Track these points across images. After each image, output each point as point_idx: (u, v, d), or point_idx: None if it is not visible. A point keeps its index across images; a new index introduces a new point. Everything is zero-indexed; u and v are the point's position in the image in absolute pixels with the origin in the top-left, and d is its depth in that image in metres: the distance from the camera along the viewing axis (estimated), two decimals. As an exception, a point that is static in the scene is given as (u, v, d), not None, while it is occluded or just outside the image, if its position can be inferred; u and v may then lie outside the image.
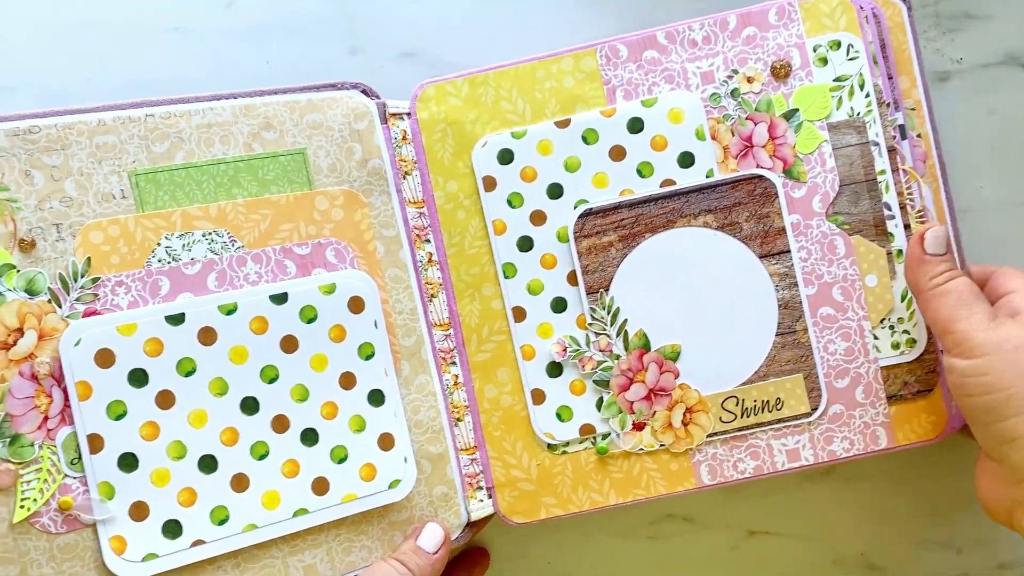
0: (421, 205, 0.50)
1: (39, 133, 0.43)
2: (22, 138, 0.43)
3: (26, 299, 0.42)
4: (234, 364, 0.45)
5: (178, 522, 0.44)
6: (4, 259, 0.42)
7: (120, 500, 0.43)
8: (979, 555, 0.56)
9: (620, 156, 0.49)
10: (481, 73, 0.50)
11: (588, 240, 0.50)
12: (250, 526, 0.45)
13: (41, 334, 0.43)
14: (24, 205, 0.43)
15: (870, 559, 0.56)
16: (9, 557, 0.41)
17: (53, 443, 0.42)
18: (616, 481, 0.50)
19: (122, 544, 0.43)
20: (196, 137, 0.46)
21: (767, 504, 0.56)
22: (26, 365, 0.42)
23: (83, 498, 0.42)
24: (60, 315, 0.43)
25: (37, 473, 0.42)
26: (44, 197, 0.43)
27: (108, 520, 0.43)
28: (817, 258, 0.49)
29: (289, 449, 0.46)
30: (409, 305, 0.49)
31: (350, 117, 0.49)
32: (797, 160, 0.49)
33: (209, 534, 0.44)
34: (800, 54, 0.49)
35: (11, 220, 0.43)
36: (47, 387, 0.42)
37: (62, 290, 0.43)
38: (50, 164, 0.43)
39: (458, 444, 0.50)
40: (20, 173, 0.43)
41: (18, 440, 0.42)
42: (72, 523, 0.42)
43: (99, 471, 0.43)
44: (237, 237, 0.46)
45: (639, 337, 0.49)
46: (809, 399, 0.49)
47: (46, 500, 0.42)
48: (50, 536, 0.42)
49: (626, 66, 0.50)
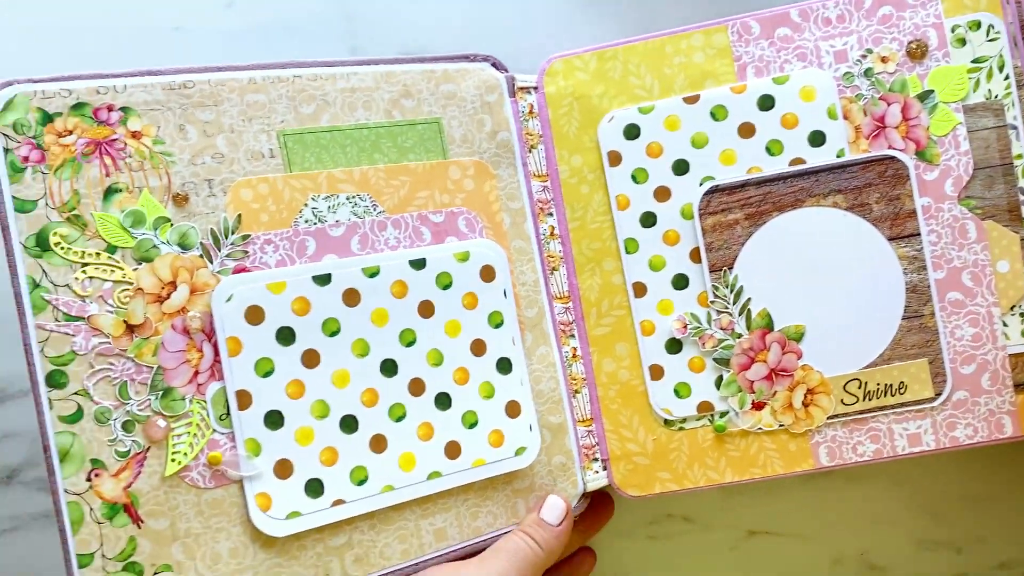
0: (545, 179, 0.51)
1: (193, 88, 0.43)
2: (177, 92, 0.43)
3: (179, 253, 0.42)
4: (376, 326, 0.45)
5: (320, 481, 0.44)
6: (159, 212, 0.42)
7: (266, 457, 0.43)
8: (979, 555, 0.57)
9: (749, 133, 0.50)
10: (610, 48, 0.51)
11: (713, 217, 0.50)
12: (387, 487, 0.45)
13: (193, 288, 0.43)
14: (178, 159, 0.43)
15: (870, 559, 0.57)
16: (160, 510, 0.41)
17: (203, 398, 0.42)
18: (732, 459, 0.50)
19: (267, 501, 0.43)
20: (340, 101, 0.46)
21: (767, 504, 0.56)
22: (178, 319, 0.42)
23: (231, 454, 0.42)
24: (211, 270, 0.43)
25: (187, 427, 0.42)
26: (197, 152, 0.43)
27: (254, 477, 0.43)
28: (947, 242, 0.49)
29: (424, 412, 0.46)
30: (532, 277, 0.50)
31: (481, 89, 0.49)
32: (930, 142, 0.48)
33: (349, 494, 0.44)
34: (937, 34, 0.48)
35: (166, 173, 0.43)
36: (198, 341, 0.42)
37: (213, 246, 0.43)
38: (203, 120, 0.43)
39: (576, 416, 0.50)
40: (175, 127, 0.43)
41: (170, 393, 0.42)
42: (220, 478, 0.42)
43: (246, 427, 0.43)
44: (378, 202, 0.46)
45: (762, 317, 0.50)
46: (933, 384, 0.49)
47: (195, 454, 0.42)
48: (198, 491, 0.42)
49: (758, 43, 0.50)
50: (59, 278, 0.40)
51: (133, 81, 0.42)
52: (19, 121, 0.40)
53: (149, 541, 0.41)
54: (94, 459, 0.40)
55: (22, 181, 0.40)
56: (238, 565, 0.42)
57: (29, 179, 0.40)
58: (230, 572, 0.42)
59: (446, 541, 0.46)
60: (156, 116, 0.43)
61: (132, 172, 0.42)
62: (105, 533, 0.40)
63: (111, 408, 0.41)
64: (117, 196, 0.42)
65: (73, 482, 0.40)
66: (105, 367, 0.41)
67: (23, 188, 0.40)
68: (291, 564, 0.43)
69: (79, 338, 0.40)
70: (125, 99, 0.42)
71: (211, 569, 0.42)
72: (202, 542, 0.42)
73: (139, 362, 0.41)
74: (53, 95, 0.41)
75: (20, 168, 0.40)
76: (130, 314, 0.41)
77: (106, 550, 0.40)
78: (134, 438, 0.41)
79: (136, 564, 0.40)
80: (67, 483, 0.40)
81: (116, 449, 0.41)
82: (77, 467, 0.40)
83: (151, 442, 0.41)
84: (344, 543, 0.44)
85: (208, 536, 0.42)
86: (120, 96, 0.42)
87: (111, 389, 0.41)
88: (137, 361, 0.41)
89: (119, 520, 0.40)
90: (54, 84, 0.41)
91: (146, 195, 0.42)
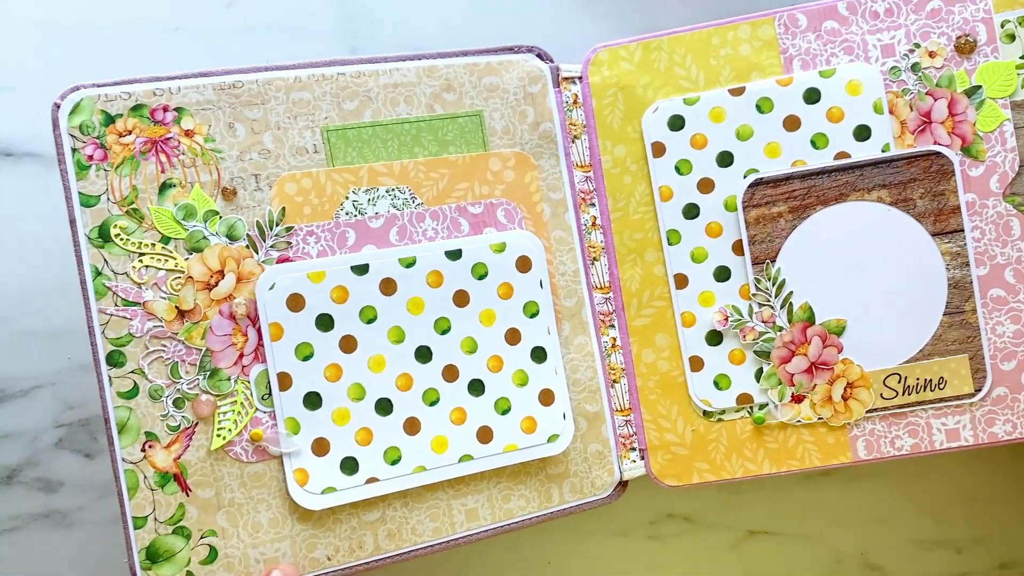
0: (588, 169, 0.51)
1: (242, 88, 0.46)
2: (227, 92, 0.46)
3: (227, 244, 0.46)
4: (411, 314, 0.47)
5: (355, 459, 0.46)
6: (209, 205, 0.45)
7: (304, 435, 0.46)
8: (979, 555, 0.56)
9: (794, 126, 0.49)
10: (655, 38, 0.50)
11: (757, 210, 0.50)
12: (419, 468, 0.47)
13: (239, 277, 0.46)
14: (227, 156, 0.46)
15: (870, 559, 0.56)
16: (207, 480, 0.45)
17: (247, 379, 0.45)
18: (771, 451, 0.50)
19: (305, 476, 0.46)
20: (383, 96, 0.48)
21: (767, 504, 0.56)
22: (225, 305, 0.45)
23: (272, 431, 0.46)
24: (256, 260, 0.46)
25: (232, 406, 0.45)
26: (245, 149, 0.46)
27: (293, 453, 0.46)
28: (991, 239, 0.48)
29: (457, 398, 0.48)
30: (572, 267, 0.51)
31: (525, 80, 0.50)
32: (977, 138, 0.48)
33: (382, 472, 0.47)
34: (987, 29, 0.48)
35: (216, 169, 0.46)
36: (243, 326, 0.46)
37: (259, 237, 0.46)
38: (251, 118, 0.46)
39: (614, 405, 0.51)
40: (224, 125, 0.46)
41: (217, 374, 0.45)
42: (261, 453, 0.45)
43: (287, 407, 0.46)
44: (417, 194, 0.48)
45: (804, 310, 0.49)
46: (973, 380, 0.49)
47: (239, 431, 0.45)
48: (241, 464, 0.45)
49: (805, 36, 0.49)
50: (119, 267, 0.44)
51: (186, 83, 0.45)
52: (85, 123, 0.44)
53: (196, 508, 0.45)
54: (148, 432, 0.44)
55: (87, 178, 0.44)
56: (277, 534, 0.45)
57: (93, 176, 0.44)
58: (270, 540, 0.45)
59: (477, 522, 0.48)
60: (207, 115, 0.46)
61: (185, 168, 0.45)
62: (157, 499, 0.44)
63: (163, 386, 0.44)
64: (171, 191, 0.45)
65: (130, 452, 0.44)
66: (158, 348, 0.44)
67: (88, 184, 0.44)
68: (326, 535, 0.46)
69: (135, 322, 0.44)
70: (179, 100, 0.45)
71: (252, 536, 0.45)
72: (244, 511, 0.45)
73: (189, 344, 0.45)
74: (115, 98, 0.45)
75: (85, 166, 0.44)
76: (181, 300, 0.45)
77: (158, 514, 0.44)
78: (184, 414, 0.45)
79: (184, 528, 0.44)
80: (124, 452, 0.44)
81: (168, 423, 0.44)
82: (133, 439, 0.44)
83: (199, 418, 0.45)
84: (377, 518, 0.47)
85: (250, 506, 0.45)
86: (175, 97, 0.45)
87: (164, 369, 0.44)
88: (187, 344, 0.45)
89: (170, 488, 0.44)
90: (115, 88, 0.45)
91: (197, 190, 0.45)
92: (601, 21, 0.54)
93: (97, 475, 0.52)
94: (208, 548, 0.45)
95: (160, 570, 0.44)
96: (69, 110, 0.44)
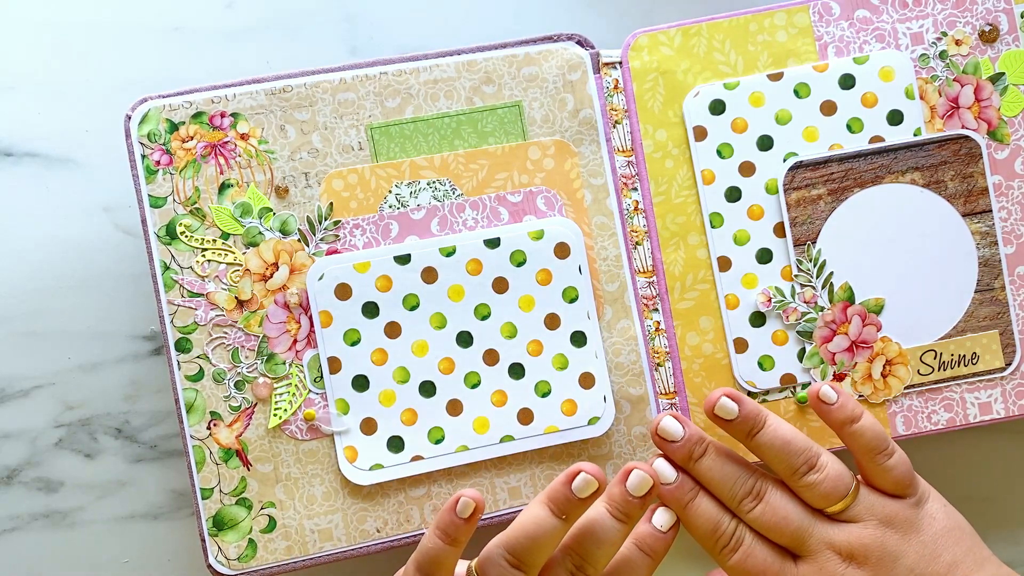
0: (629, 154, 0.52)
1: (291, 92, 0.49)
2: (278, 96, 0.49)
3: (280, 238, 0.49)
4: (452, 301, 0.50)
5: (401, 438, 0.49)
6: (263, 203, 0.49)
7: (353, 415, 0.49)
8: None
9: (831, 111, 0.50)
10: (695, 24, 0.50)
11: (797, 193, 0.49)
12: (462, 447, 0.49)
13: (292, 269, 0.49)
14: (279, 156, 0.49)
15: None
16: (265, 456, 0.49)
17: (300, 363, 0.49)
18: (814, 430, 0.50)
19: (354, 453, 0.49)
20: (423, 93, 0.50)
21: None
22: (280, 295, 0.49)
23: (323, 412, 0.49)
24: (307, 253, 0.49)
25: (287, 388, 0.49)
26: (295, 149, 0.49)
27: (343, 432, 0.49)
28: (1017, 219, 0.51)
29: (498, 381, 0.50)
30: (614, 252, 0.51)
31: (564, 68, 0.51)
32: (1001, 123, 0.50)
33: (426, 451, 0.49)
34: (1008, 19, 0.50)
35: (269, 169, 0.49)
36: (296, 314, 0.49)
37: (309, 231, 0.49)
38: (300, 119, 0.49)
39: (658, 389, 0.52)
40: (276, 128, 0.49)
41: (273, 358, 0.49)
42: (314, 432, 0.49)
43: (337, 389, 0.49)
44: (457, 186, 0.50)
45: (844, 290, 0.50)
46: (1004, 354, 0.50)
47: (294, 411, 0.49)
48: (296, 442, 0.49)
49: (838, 23, 0.50)
50: (184, 261, 0.49)
51: (241, 90, 0.49)
52: (152, 131, 0.49)
53: (257, 481, 0.49)
54: (212, 411, 0.49)
55: (155, 181, 0.49)
56: (330, 507, 0.49)
57: (160, 179, 0.49)
58: (323, 512, 0.49)
59: (520, 499, 0.50)
60: (260, 119, 0.49)
61: (241, 169, 0.49)
62: (222, 473, 0.48)
63: (226, 370, 0.49)
64: (229, 190, 0.49)
65: (197, 430, 0.48)
66: (220, 335, 0.49)
67: (156, 187, 0.49)
68: (375, 509, 0.49)
69: (200, 311, 0.49)
70: (235, 106, 0.49)
71: (307, 508, 0.49)
72: (300, 485, 0.49)
73: (248, 332, 0.49)
74: (178, 107, 0.49)
75: (154, 171, 0.49)
76: (240, 291, 0.49)
77: (223, 486, 0.48)
78: (244, 395, 0.49)
79: (247, 499, 0.49)
80: (192, 430, 0.48)
81: (230, 404, 0.49)
82: (199, 418, 0.48)
83: (258, 399, 0.49)
84: (423, 494, 0.50)
85: (305, 481, 0.49)
86: (231, 103, 0.49)
87: (225, 354, 0.49)
88: (246, 331, 0.49)
89: (232, 463, 0.49)
90: (178, 98, 0.49)
91: (253, 189, 0.49)
92: (601, 19, 0.54)
93: (97, 475, 0.52)
94: (268, 518, 0.49)
95: (226, 536, 0.48)
96: (139, 120, 0.48)
